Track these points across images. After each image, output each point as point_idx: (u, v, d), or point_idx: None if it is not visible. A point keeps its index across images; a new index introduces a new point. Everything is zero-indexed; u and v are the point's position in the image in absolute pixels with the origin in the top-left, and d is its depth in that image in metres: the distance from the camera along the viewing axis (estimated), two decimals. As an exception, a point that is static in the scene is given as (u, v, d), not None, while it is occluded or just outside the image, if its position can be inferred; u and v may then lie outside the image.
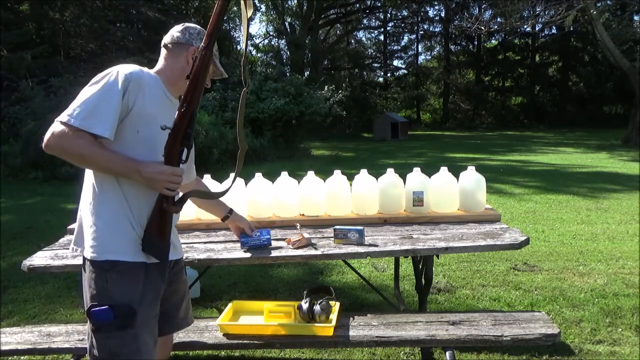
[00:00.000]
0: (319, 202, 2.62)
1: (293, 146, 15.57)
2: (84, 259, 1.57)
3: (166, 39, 1.68)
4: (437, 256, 2.51)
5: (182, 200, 1.60)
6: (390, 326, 2.21)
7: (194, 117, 1.52)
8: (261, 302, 2.49)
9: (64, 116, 1.44)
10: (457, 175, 2.63)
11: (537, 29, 28.13)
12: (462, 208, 2.62)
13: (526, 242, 2.22)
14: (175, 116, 1.51)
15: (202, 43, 1.50)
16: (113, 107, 1.46)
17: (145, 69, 1.61)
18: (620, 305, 3.23)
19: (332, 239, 2.26)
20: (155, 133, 1.52)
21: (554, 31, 29.33)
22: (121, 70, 1.51)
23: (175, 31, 1.68)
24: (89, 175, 1.59)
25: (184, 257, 1.87)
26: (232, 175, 2.26)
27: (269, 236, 2.24)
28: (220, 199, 2.03)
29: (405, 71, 38.62)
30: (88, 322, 1.54)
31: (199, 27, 1.69)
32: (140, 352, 1.54)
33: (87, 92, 1.48)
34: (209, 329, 2.29)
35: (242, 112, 1.67)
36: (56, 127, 1.43)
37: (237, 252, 2.18)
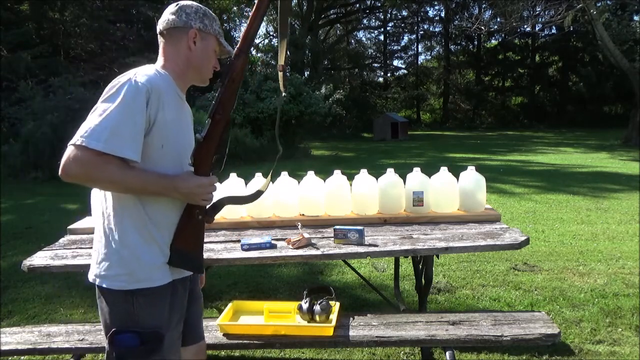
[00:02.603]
0: (319, 202, 2.62)
1: (293, 146, 15.58)
2: (104, 287, 1.42)
3: (160, 24, 1.48)
4: (437, 256, 2.52)
5: (216, 209, 1.53)
6: (390, 326, 2.21)
7: (229, 124, 1.47)
8: (261, 302, 2.49)
9: (81, 139, 1.25)
10: (457, 175, 2.63)
11: (537, 29, 28.13)
12: (462, 208, 2.62)
13: (526, 242, 2.22)
14: (208, 124, 1.43)
15: (238, 46, 1.43)
16: (138, 125, 1.31)
17: (157, 69, 1.44)
18: (620, 305, 3.23)
19: (332, 239, 2.26)
20: (178, 144, 1.44)
21: (554, 31, 29.30)
22: (139, 80, 1.33)
23: (168, 14, 1.47)
24: (100, 199, 1.44)
25: None
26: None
27: (269, 239, 2.25)
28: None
29: (405, 71, 38.64)
30: (107, 347, 1.43)
31: (194, 3, 1.50)
32: None
33: (103, 107, 1.29)
34: (209, 329, 2.29)
35: (278, 119, 1.64)
36: (74, 152, 1.25)
37: (237, 252, 2.18)
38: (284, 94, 1.60)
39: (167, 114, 1.40)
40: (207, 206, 1.50)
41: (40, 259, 2.19)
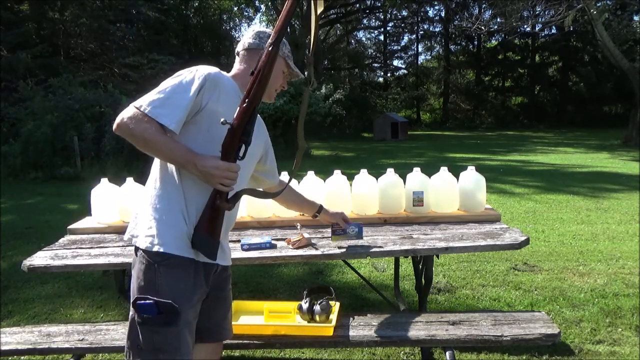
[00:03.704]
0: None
1: (293, 146, 15.59)
2: (137, 248, 1.57)
3: (239, 46, 1.71)
4: (437, 256, 2.51)
5: (235, 198, 1.59)
6: (390, 326, 2.20)
7: (255, 113, 1.52)
8: (261, 302, 2.49)
9: (138, 102, 1.48)
10: (457, 175, 2.63)
11: (537, 29, 28.12)
12: (462, 208, 2.62)
13: (526, 242, 2.22)
14: (236, 112, 1.50)
15: (270, 39, 1.49)
16: (185, 101, 1.49)
17: (223, 72, 1.62)
18: (620, 305, 3.23)
19: (331, 237, 2.24)
20: (224, 133, 1.51)
21: (554, 31, 29.31)
22: (200, 69, 1.55)
23: (247, 37, 1.71)
24: (154, 168, 1.61)
25: None
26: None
27: (269, 239, 2.25)
28: (309, 197, 2.18)
29: (405, 71, 38.64)
30: (132, 312, 1.54)
31: (268, 30, 1.71)
32: (181, 351, 1.53)
33: (164, 83, 1.52)
34: (209, 329, 2.29)
35: (304, 112, 1.68)
36: (129, 110, 1.48)
37: (237, 252, 2.18)
38: (309, 87, 1.66)
39: (219, 105, 1.55)
40: (230, 194, 1.56)
41: (40, 259, 2.19)
